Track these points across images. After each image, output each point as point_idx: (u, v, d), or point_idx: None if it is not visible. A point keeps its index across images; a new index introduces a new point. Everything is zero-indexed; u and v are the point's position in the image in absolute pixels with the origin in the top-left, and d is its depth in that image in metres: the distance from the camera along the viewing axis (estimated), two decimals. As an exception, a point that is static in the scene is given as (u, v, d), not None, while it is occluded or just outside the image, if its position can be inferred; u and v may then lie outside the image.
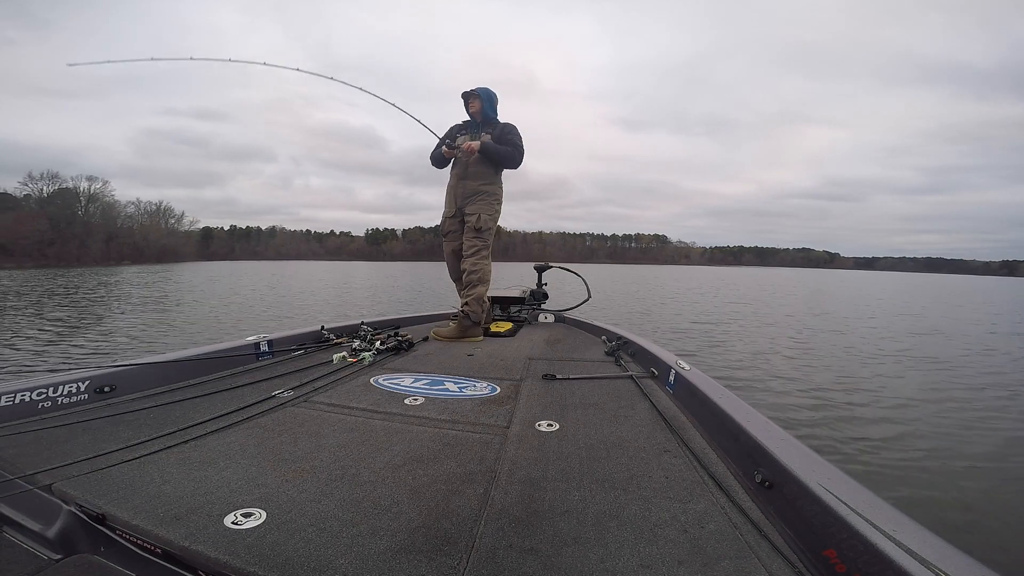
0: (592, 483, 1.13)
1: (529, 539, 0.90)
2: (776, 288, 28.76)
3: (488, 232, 3.29)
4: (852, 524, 0.79)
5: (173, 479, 1.09)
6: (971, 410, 4.67)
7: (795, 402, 4.82)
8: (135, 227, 71.18)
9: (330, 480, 1.11)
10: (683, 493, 1.09)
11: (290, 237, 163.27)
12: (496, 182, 3.32)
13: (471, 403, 1.73)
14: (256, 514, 0.94)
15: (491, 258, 3.34)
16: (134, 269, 41.18)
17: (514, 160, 3.24)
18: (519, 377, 2.10)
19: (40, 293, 16.06)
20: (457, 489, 1.08)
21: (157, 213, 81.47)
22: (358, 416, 1.57)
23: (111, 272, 34.33)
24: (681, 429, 1.49)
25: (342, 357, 2.30)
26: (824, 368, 6.48)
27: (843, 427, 4.07)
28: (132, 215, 74.47)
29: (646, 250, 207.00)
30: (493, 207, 3.29)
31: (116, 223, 66.22)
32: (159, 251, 68.31)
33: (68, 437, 1.34)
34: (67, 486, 1.05)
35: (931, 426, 4.18)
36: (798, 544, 0.90)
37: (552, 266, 4.30)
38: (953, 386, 5.67)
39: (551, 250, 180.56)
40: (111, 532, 0.97)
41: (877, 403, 4.84)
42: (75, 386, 1.60)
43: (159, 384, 1.83)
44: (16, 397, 1.45)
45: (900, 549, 0.71)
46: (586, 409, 1.68)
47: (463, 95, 3.30)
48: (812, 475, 0.95)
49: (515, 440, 1.38)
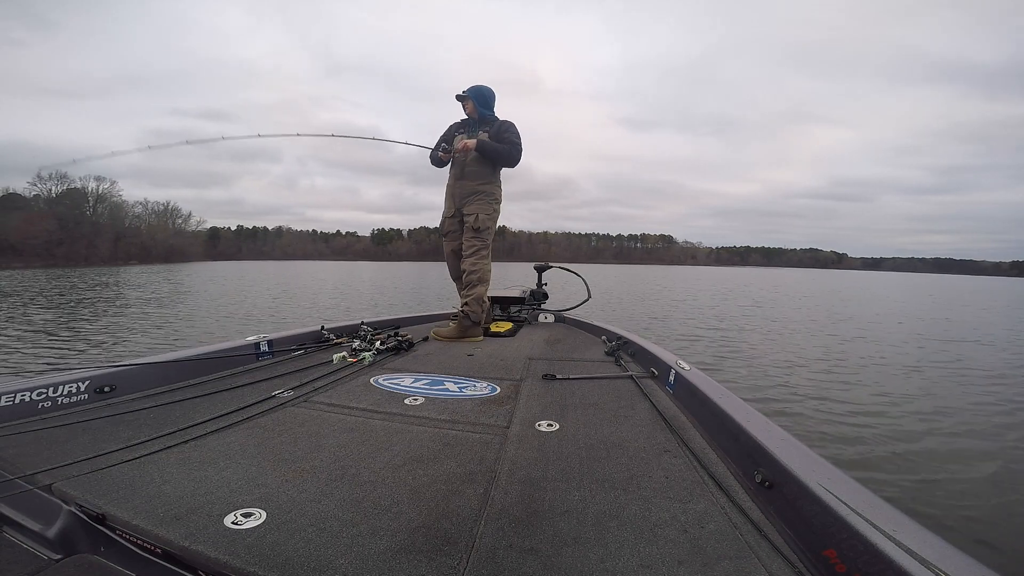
0: (592, 483, 1.13)
1: (529, 539, 0.90)
2: (790, 290, 27.49)
3: (487, 232, 3.27)
4: (852, 524, 0.79)
5: (173, 479, 1.10)
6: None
7: (844, 431, 3.92)
8: (143, 227, 71.53)
9: (330, 480, 1.11)
10: (683, 493, 1.08)
11: (296, 237, 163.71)
12: (494, 181, 3.31)
13: (471, 403, 1.72)
14: (256, 514, 0.94)
15: (491, 258, 3.34)
16: (136, 269, 41.10)
17: (512, 158, 3.22)
18: (519, 377, 2.10)
19: (33, 293, 15.72)
20: (457, 489, 1.08)
21: (164, 213, 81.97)
22: (358, 416, 1.57)
23: (113, 272, 34.25)
24: (681, 429, 1.49)
25: (342, 357, 2.30)
26: (868, 385, 5.51)
27: (914, 467, 3.26)
28: (140, 215, 75.06)
29: (652, 250, 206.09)
30: (491, 207, 3.28)
31: (124, 223, 66.52)
32: (166, 251, 68.51)
33: (68, 437, 1.34)
34: (67, 486, 1.05)
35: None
36: (798, 544, 0.90)
37: (552, 266, 4.31)
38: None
39: (556, 250, 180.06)
40: (111, 532, 0.97)
41: (937, 431, 4.00)
42: (75, 386, 1.60)
43: (159, 384, 1.83)
44: (16, 397, 1.45)
45: (900, 549, 0.71)
46: (586, 409, 1.68)
47: (457, 98, 3.29)
48: (812, 475, 0.95)
49: (515, 440, 1.38)
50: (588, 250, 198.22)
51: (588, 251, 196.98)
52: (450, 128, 3.40)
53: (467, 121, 3.34)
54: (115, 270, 37.73)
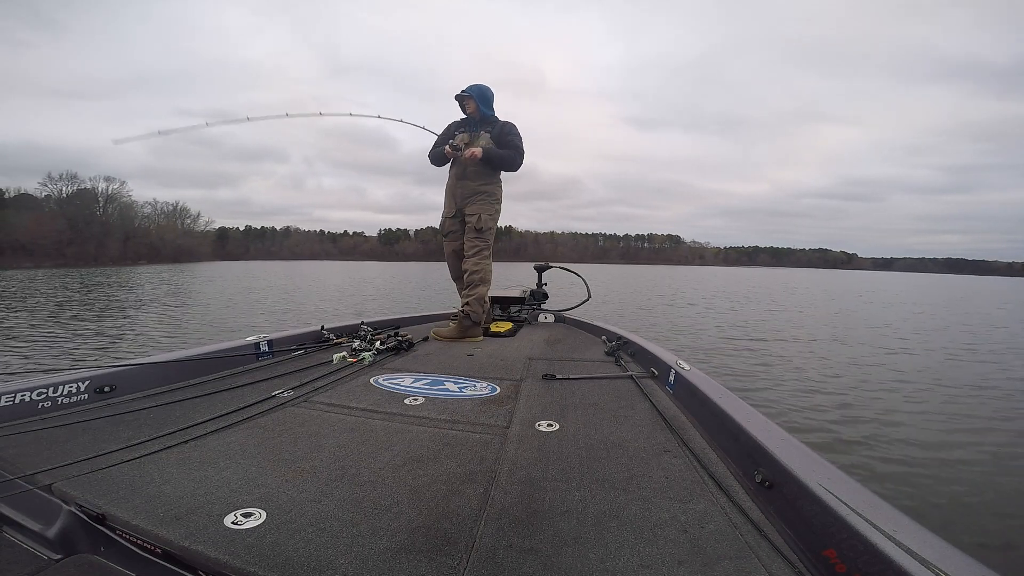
0: (592, 483, 1.13)
1: (529, 539, 0.90)
2: (807, 292, 25.74)
3: (488, 232, 3.27)
4: (852, 524, 0.79)
5: (173, 479, 1.10)
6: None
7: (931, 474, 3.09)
8: (152, 227, 71.75)
9: (330, 480, 1.11)
10: (683, 493, 1.08)
11: (304, 237, 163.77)
12: (495, 181, 3.30)
13: (471, 403, 1.72)
14: (256, 514, 0.94)
15: (494, 258, 3.32)
16: (140, 269, 40.92)
17: (515, 163, 3.22)
18: (519, 377, 2.10)
19: (20, 296, 15.06)
20: (457, 489, 1.08)
21: (174, 213, 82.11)
22: (358, 416, 1.57)
23: (115, 272, 34.09)
24: (681, 429, 1.49)
25: (342, 357, 2.30)
26: (946, 414, 4.56)
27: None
28: (149, 215, 75.22)
29: (659, 250, 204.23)
30: (493, 207, 3.27)
31: (134, 223, 66.68)
32: (175, 251, 68.54)
33: (68, 437, 1.34)
34: (67, 486, 1.05)
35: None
36: (798, 544, 0.90)
37: (552, 266, 4.31)
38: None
39: (563, 250, 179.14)
40: (111, 532, 0.97)
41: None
42: (75, 386, 1.60)
43: (159, 384, 1.83)
44: (16, 397, 1.45)
45: (900, 549, 0.71)
46: (586, 409, 1.68)
47: (456, 97, 3.28)
48: (812, 475, 0.95)
49: (515, 440, 1.38)
50: (595, 250, 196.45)
51: (595, 251, 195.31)
52: (449, 127, 3.39)
53: (468, 120, 3.32)
54: (114, 270, 37.57)
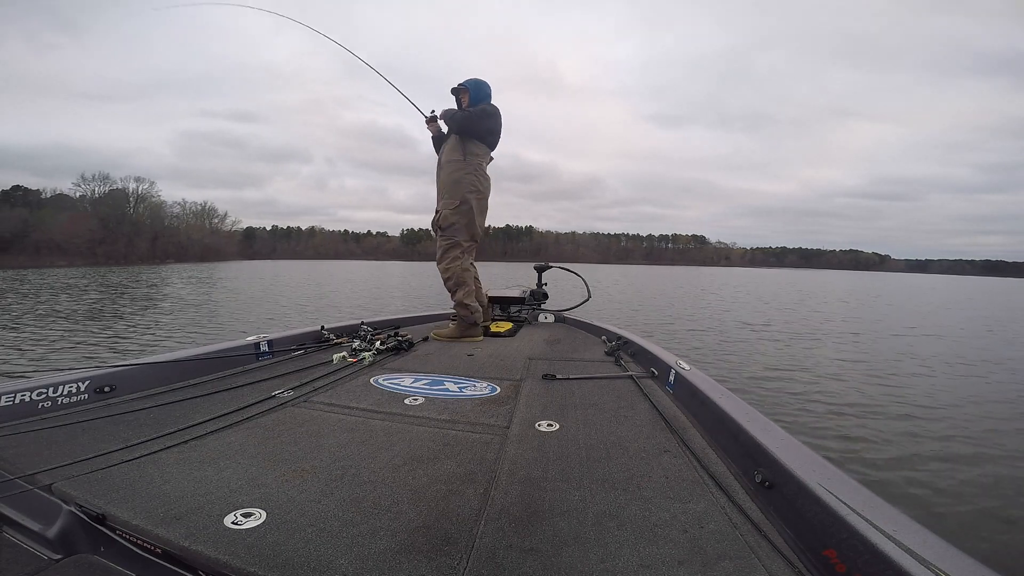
0: (592, 483, 1.12)
1: (529, 539, 0.90)
2: (853, 297, 22.79)
3: (453, 229, 3.08)
4: (852, 524, 0.79)
5: (173, 479, 1.10)
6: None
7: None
8: (180, 227, 72.31)
9: (330, 480, 1.11)
10: (683, 493, 1.08)
11: (328, 237, 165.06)
12: (464, 168, 3.05)
13: (471, 403, 1.73)
14: (256, 514, 0.94)
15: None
16: (152, 269, 40.40)
17: (470, 122, 3.01)
18: (519, 377, 2.10)
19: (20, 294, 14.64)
20: (457, 489, 1.08)
21: (202, 213, 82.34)
22: (358, 416, 1.57)
23: (155, 270, 34.32)
24: (681, 429, 1.49)
25: (342, 357, 2.30)
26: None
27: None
28: (178, 215, 75.56)
29: (683, 251, 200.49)
30: (455, 200, 3.06)
31: (163, 223, 67.12)
32: (202, 250, 68.84)
33: (68, 437, 1.34)
34: (67, 486, 1.05)
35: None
36: (798, 544, 0.90)
37: (552, 266, 4.33)
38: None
39: (584, 251, 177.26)
40: (111, 532, 0.97)
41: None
42: (75, 386, 1.60)
43: (159, 384, 1.83)
44: (16, 397, 1.46)
45: (900, 549, 0.71)
46: (586, 409, 1.68)
47: (452, 91, 3.23)
48: (812, 475, 0.95)
49: (515, 440, 1.38)
50: (618, 250, 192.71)
51: (618, 251, 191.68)
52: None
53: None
54: (156, 268, 37.66)
